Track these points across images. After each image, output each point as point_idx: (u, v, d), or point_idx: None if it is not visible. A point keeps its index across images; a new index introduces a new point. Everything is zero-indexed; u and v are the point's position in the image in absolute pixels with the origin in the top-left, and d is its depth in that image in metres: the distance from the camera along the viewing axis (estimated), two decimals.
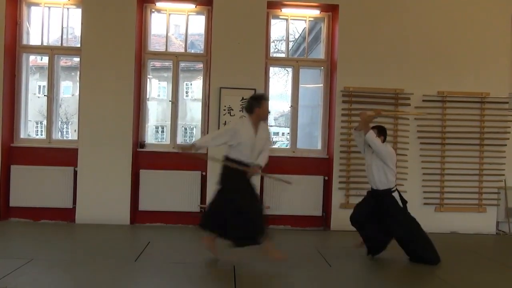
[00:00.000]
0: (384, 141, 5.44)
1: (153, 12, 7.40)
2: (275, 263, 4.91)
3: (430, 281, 4.72)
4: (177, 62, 7.35)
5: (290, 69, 7.67)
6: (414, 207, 7.01)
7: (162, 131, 17.32)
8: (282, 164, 7.13)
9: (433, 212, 7.13)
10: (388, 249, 5.76)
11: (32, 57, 7.84)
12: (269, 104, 5.17)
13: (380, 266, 5.16)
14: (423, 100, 7.10)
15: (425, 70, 7.12)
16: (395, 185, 5.42)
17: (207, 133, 7.06)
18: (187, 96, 18.19)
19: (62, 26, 7.25)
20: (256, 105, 4.99)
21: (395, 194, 5.37)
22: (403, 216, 5.37)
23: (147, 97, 7.42)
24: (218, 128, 6.93)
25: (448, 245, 6.40)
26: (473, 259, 5.66)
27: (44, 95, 7.28)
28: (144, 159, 7.12)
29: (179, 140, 7.79)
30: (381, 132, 5.45)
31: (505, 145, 7.15)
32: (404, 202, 5.42)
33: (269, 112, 5.17)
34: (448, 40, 7.15)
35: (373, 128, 5.48)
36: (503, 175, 7.18)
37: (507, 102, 7.20)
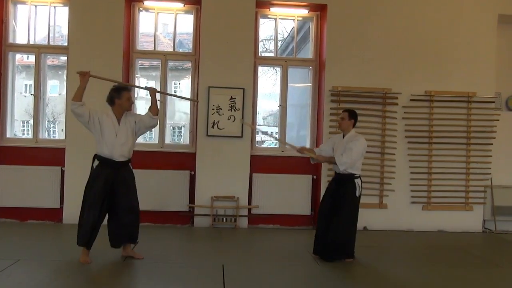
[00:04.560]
0: (355, 124, 5.40)
1: (141, 10, 7.36)
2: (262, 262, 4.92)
3: (418, 279, 4.75)
4: (165, 61, 7.32)
5: (278, 69, 7.67)
6: (402, 205, 7.12)
7: (151, 131, 17.25)
8: (270, 163, 7.16)
9: (420, 210, 7.18)
10: (375, 248, 5.82)
11: (18, 56, 7.75)
12: (130, 94, 5.07)
13: (368, 265, 5.19)
14: (411, 100, 7.15)
15: (412, 70, 7.17)
16: (359, 173, 5.33)
17: (196, 133, 7.05)
18: None
19: (49, 24, 7.19)
20: (116, 96, 4.95)
21: (357, 181, 5.27)
22: (353, 205, 5.26)
23: (135, 96, 7.38)
24: (207, 127, 6.92)
25: (435, 243, 6.47)
26: (460, 257, 5.72)
27: (31, 94, 7.21)
28: (132, 158, 7.05)
29: (167, 139, 7.74)
30: (352, 115, 5.38)
31: (491, 144, 7.23)
32: (360, 192, 5.30)
33: (133, 102, 5.12)
34: (435, 40, 7.21)
35: (343, 111, 5.45)
36: (489, 173, 7.26)
37: (493, 102, 7.28)
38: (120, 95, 4.94)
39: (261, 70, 7.96)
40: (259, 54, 7.55)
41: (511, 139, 7.46)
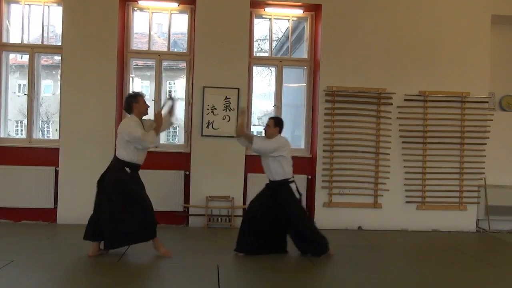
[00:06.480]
0: (280, 131, 5.44)
1: (136, 10, 7.35)
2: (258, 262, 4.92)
3: (412, 278, 4.76)
4: (160, 61, 7.31)
5: (273, 69, 7.68)
6: (396, 205, 7.14)
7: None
8: None
9: (415, 210, 7.20)
10: (369, 248, 5.82)
11: (12, 56, 7.73)
12: (144, 99, 5.20)
13: (362, 265, 5.19)
14: (405, 100, 7.17)
15: (407, 70, 7.19)
16: (293, 176, 5.42)
17: (190, 133, 7.04)
18: None
19: (42, 24, 7.16)
20: (134, 100, 5.08)
21: (292, 185, 5.36)
22: (297, 208, 5.36)
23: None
24: (202, 127, 6.92)
25: (429, 242, 6.50)
26: (454, 256, 5.73)
27: (25, 94, 7.18)
28: None
29: (162, 139, 7.73)
30: (277, 123, 5.44)
31: (485, 144, 7.26)
32: (300, 194, 5.42)
33: (148, 106, 5.25)
34: (429, 41, 7.23)
35: (269, 119, 5.52)
36: (483, 173, 7.29)
37: (486, 102, 7.31)
38: (137, 99, 5.10)
39: (256, 70, 7.96)
40: (254, 54, 7.55)
41: (505, 139, 7.52)
